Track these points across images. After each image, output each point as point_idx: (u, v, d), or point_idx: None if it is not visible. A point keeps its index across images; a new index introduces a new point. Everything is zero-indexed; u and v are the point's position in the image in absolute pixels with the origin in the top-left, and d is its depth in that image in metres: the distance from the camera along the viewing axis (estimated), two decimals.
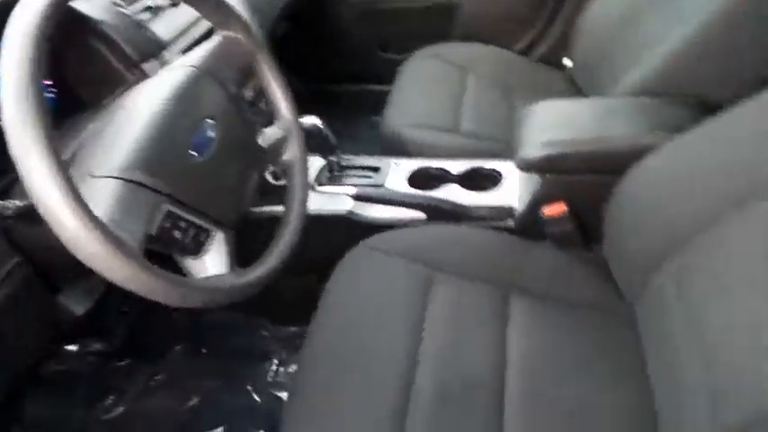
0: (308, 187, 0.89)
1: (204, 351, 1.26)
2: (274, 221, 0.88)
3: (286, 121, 0.87)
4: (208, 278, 0.69)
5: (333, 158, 1.17)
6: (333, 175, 1.18)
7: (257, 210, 1.09)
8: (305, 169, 0.89)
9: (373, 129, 1.86)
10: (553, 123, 1.01)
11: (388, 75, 1.64)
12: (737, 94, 0.84)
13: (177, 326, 1.29)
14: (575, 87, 1.45)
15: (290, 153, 0.87)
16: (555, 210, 1.00)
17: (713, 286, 0.75)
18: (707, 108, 0.95)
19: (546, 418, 0.80)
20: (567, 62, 1.62)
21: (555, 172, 0.98)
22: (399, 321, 0.89)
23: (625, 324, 0.91)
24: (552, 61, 1.64)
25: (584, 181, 0.98)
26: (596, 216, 0.98)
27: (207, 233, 0.71)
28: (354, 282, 0.97)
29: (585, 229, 1.02)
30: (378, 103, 1.54)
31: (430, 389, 0.81)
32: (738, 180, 0.75)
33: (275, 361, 1.23)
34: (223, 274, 0.70)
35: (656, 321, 0.85)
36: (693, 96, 1.01)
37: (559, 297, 0.96)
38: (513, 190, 1.12)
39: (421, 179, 1.17)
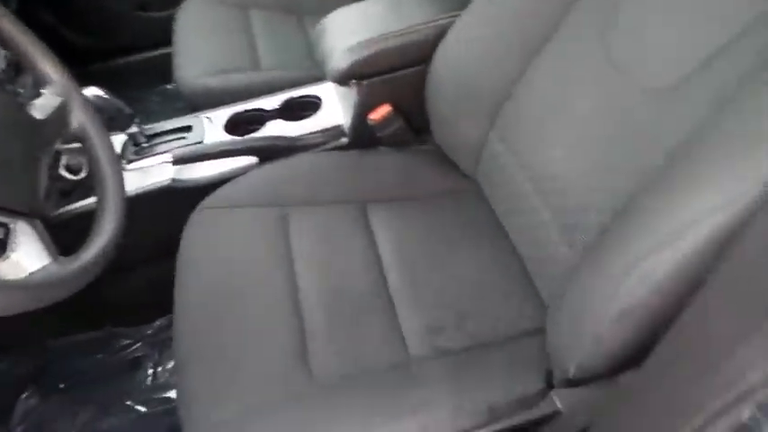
0: (113, 150, 0.77)
1: (62, 386, 1.08)
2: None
3: (58, 85, 0.72)
4: (31, 274, 0.58)
5: (134, 130, 1.04)
6: (141, 148, 1.05)
7: (69, 208, 0.94)
8: (103, 133, 0.76)
9: (167, 99, 1.70)
10: (354, 29, 1.00)
11: (159, 36, 1.49)
12: None
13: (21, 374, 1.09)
14: None
15: (77, 118, 0.73)
16: (380, 113, 1.02)
17: (531, 128, 0.83)
18: None
19: (433, 301, 0.84)
20: None
21: (370, 76, 0.99)
22: (267, 264, 0.86)
23: (475, 198, 0.98)
24: None
25: (399, 77, 1.00)
26: (421, 108, 1.03)
27: (5, 227, 0.58)
28: (206, 246, 0.90)
29: (415, 124, 1.06)
30: (163, 70, 1.40)
31: (320, 311, 0.81)
32: (530, 32, 0.83)
33: (149, 364, 1.11)
34: (46, 266, 0.59)
35: (497, 182, 0.92)
36: None
37: (411, 194, 1.00)
38: (335, 108, 1.11)
39: (240, 125, 1.10)
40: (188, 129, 1.07)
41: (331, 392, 0.73)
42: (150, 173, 1.02)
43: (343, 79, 0.98)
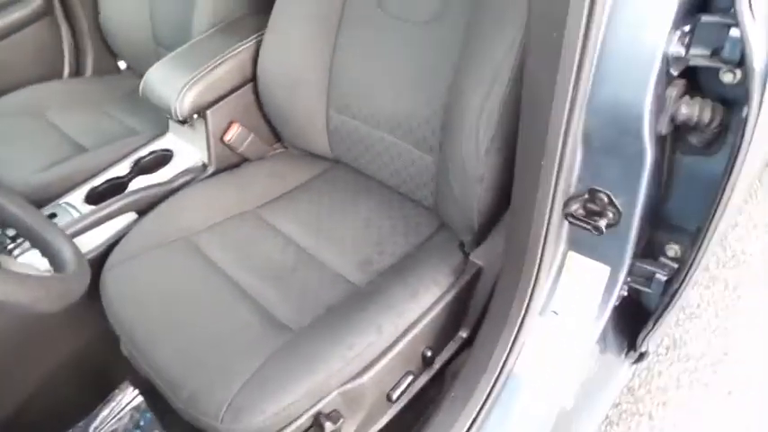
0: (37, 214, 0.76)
1: None
2: None
3: None
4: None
5: None
6: (7, 249, 1.01)
7: None
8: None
9: None
10: (178, 72, 1.11)
11: None
12: None
13: None
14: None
15: None
16: (232, 132, 1.15)
17: (357, 90, 1.05)
18: None
19: (350, 246, 0.99)
20: (122, 65, 1.71)
21: (211, 105, 1.11)
22: (200, 277, 0.94)
23: (339, 170, 1.17)
24: (107, 69, 1.68)
25: (235, 98, 1.15)
26: (264, 118, 1.18)
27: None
28: (134, 291, 0.93)
29: (265, 135, 1.21)
30: None
31: (266, 289, 0.92)
32: (325, 20, 1.05)
33: None
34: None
35: (351, 144, 1.11)
36: None
37: (287, 189, 1.14)
38: (188, 151, 1.20)
39: (101, 199, 1.12)
40: (53, 216, 1.06)
41: (310, 331, 0.83)
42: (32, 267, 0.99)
43: (189, 115, 1.09)
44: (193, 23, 1.28)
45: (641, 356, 0.95)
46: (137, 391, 1.16)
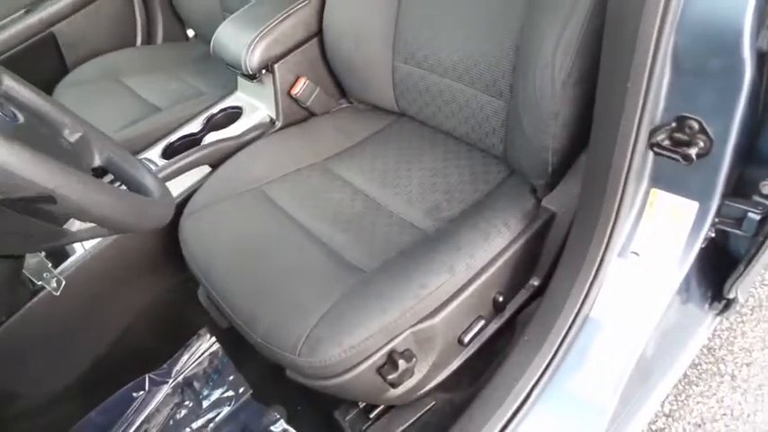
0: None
1: None
2: None
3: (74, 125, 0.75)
4: None
5: None
6: None
7: None
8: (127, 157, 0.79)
9: None
10: (246, 29, 1.13)
11: None
12: None
13: None
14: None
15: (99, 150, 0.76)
16: (299, 86, 1.16)
17: (423, 40, 1.03)
18: None
19: (418, 194, 0.98)
20: (190, 33, 1.76)
21: (278, 59, 1.13)
22: (272, 223, 0.96)
23: (405, 123, 1.17)
24: (176, 36, 1.74)
25: (302, 52, 1.16)
26: (330, 72, 1.19)
27: None
28: (210, 236, 0.96)
29: (330, 90, 1.22)
30: None
31: (338, 234, 0.93)
32: None
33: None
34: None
35: (417, 95, 1.10)
36: None
37: (355, 142, 1.14)
38: (257, 107, 1.22)
39: (176, 154, 1.16)
40: None
41: (382, 272, 0.83)
42: None
43: (258, 69, 1.11)
44: None
45: (728, 306, 0.89)
46: (213, 338, 1.21)
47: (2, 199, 0.51)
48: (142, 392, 1.10)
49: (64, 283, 0.88)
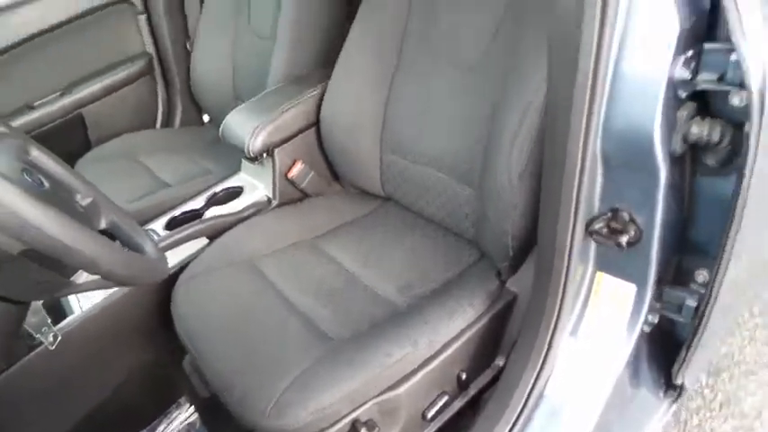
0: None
1: None
2: None
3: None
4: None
5: None
6: None
7: None
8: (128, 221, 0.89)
9: None
10: (253, 116, 1.27)
11: None
12: None
13: None
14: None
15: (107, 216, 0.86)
16: (295, 169, 1.28)
17: (409, 131, 1.15)
18: None
19: (396, 271, 1.06)
20: (206, 118, 1.93)
21: (278, 144, 1.25)
22: (260, 295, 1.03)
23: (390, 207, 1.27)
24: (192, 121, 1.91)
25: (300, 139, 1.29)
26: (325, 158, 1.31)
27: None
28: (201, 302, 1.04)
29: (324, 174, 1.34)
30: None
31: (318, 307, 1.00)
32: (384, 65, 1.18)
33: None
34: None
35: (402, 182, 1.21)
36: None
37: (343, 222, 1.23)
38: (256, 187, 1.33)
39: (177, 226, 1.26)
40: None
41: (352, 341, 0.89)
42: None
43: (260, 152, 1.23)
44: (269, 79, 1.46)
45: (679, 392, 0.93)
46: (192, 408, 1.25)
47: (25, 249, 0.60)
48: None
49: (60, 338, 0.95)
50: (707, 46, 0.64)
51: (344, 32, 1.26)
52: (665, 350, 0.89)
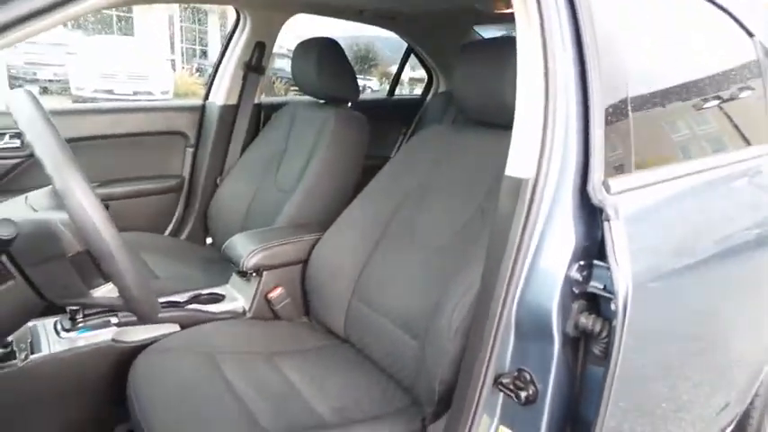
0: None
1: None
2: None
3: None
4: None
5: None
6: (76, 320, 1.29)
7: None
8: None
9: None
10: (253, 242, 1.51)
11: None
12: None
13: None
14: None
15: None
16: (276, 293, 1.48)
17: (379, 288, 1.38)
18: None
19: (334, 395, 1.19)
20: (208, 240, 2.17)
21: (268, 269, 1.48)
22: (211, 382, 1.15)
23: (342, 346, 1.43)
24: (196, 239, 2.15)
25: (287, 270, 1.51)
26: (303, 292, 1.52)
27: None
28: (157, 376, 1.15)
29: (298, 304, 1.53)
30: None
31: (259, 402, 1.13)
32: (371, 233, 1.46)
33: None
34: None
35: (361, 329, 1.40)
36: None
37: (302, 348, 1.40)
38: (236, 298, 1.52)
39: None
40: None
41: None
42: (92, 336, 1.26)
43: (251, 269, 1.45)
44: (278, 220, 1.75)
45: None
46: None
47: (78, 252, 0.79)
48: None
49: (29, 361, 1.06)
50: (595, 262, 0.91)
51: (349, 197, 1.58)
52: None
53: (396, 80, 2.90)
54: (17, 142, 1.81)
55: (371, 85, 13.63)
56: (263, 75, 2.20)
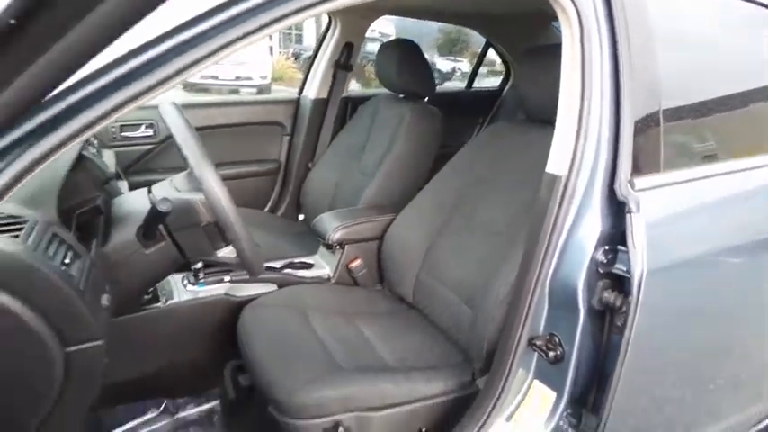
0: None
1: None
2: None
3: None
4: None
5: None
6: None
7: None
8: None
9: None
10: (339, 218, 1.79)
11: None
12: None
13: None
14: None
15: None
16: (355, 263, 1.75)
17: (443, 263, 1.60)
18: None
19: (399, 349, 1.44)
20: (301, 217, 2.48)
21: (350, 242, 1.74)
22: (300, 327, 1.43)
23: (412, 311, 1.67)
24: (290, 216, 2.47)
25: (366, 245, 1.77)
26: (378, 264, 1.78)
27: None
28: (260, 322, 1.45)
29: (374, 273, 1.79)
30: None
31: (334, 343, 1.40)
32: (438, 216, 1.67)
33: None
34: None
35: (426, 296, 1.63)
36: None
37: (376, 312, 1.65)
38: (323, 266, 1.81)
39: None
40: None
41: (354, 370, 1.28)
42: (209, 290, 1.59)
43: (335, 243, 1.72)
44: (360, 201, 2.01)
45: None
46: (218, 400, 1.61)
47: (208, 223, 1.09)
48: (154, 410, 1.49)
49: (168, 304, 1.40)
50: (619, 247, 1.07)
51: (421, 183, 1.80)
52: None
53: (474, 73, 3.06)
54: (151, 131, 2.20)
55: (461, 67, 13.66)
56: (350, 71, 2.46)
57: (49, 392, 0.88)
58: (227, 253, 1.24)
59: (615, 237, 1.08)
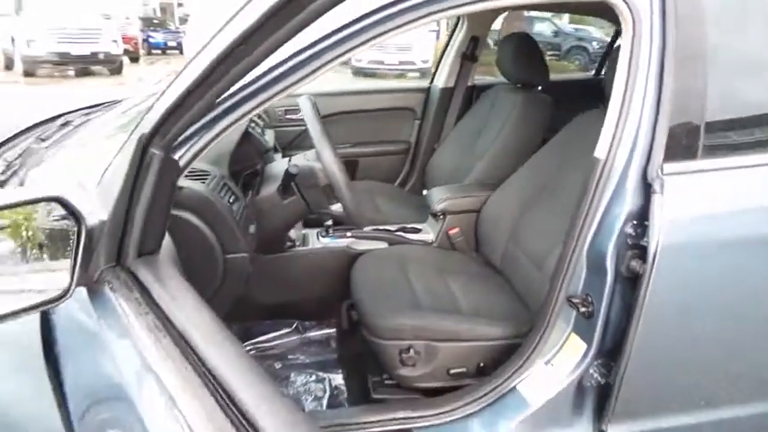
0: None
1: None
2: None
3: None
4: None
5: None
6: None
7: None
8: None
9: None
10: (441, 194, 2.11)
11: None
12: None
13: None
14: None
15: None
16: (454, 231, 2.06)
17: (529, 236, 1.84)
18: None
19: (477, 302, 1.72)
20: (425, 192, 2.84)
21: (451, 213, 2.06)
22: (398, 279, 1.80)
23: (498, 276, 1.94)
24: (416, 190, 2.84)
25: (465, 216, 2.07)
26: (474, 233, 2.07)
27: None
28: (383, 267, 1.85)
29: (470, 241, 2.09)
30: None
31: (421, 286, 1.72)
32: (528, 194, 1.90)
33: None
34: None
35: (511, 263, 1.88)
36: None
37: (468, 271, 1.95)
38: (428, 231, 2.15)
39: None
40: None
41: (432, 308, 1.61)
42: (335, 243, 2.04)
43: (439, 212, 2.05)
44: (467, 179, 2.30)
45: None
46: (335, 329, 2.06)
47: (325, 185, 1.51)
48: (287, 328, 1.99)
49: (304, 249, 1.87)
50: (647, 222, 1.24)
51: (520, 163, 2.04)
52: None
53: (602, 62, 3.09)
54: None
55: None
56: (476, 62, 2.72)
57: (214, 280, 1.38)
58: (337, 208, 1.66)
59: (644, 213, 1.25)
